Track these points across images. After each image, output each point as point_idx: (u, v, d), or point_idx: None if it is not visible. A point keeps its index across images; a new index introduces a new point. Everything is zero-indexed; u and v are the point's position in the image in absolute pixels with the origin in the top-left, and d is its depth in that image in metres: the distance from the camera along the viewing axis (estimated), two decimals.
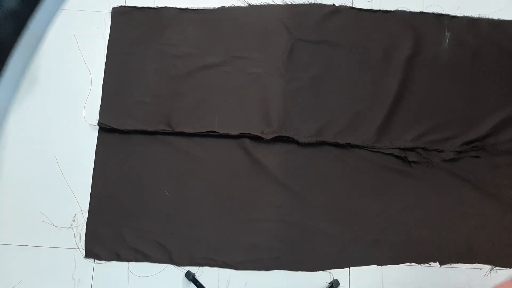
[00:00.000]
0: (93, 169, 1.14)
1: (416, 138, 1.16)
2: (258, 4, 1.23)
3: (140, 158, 1.15)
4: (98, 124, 1.16)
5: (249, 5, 1.24)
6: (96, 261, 1.09)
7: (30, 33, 0.31)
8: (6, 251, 1.09)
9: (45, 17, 0.32)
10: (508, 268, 1.07)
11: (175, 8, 1.24)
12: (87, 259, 1.09)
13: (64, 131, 1.17)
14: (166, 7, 1.24)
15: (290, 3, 1.24)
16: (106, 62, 1.21)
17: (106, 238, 1.10)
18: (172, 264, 1.08)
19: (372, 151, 1.15)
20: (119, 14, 1.23)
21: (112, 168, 1.14)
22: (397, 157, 1.15)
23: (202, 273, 1.08)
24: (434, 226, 1.11)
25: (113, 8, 1.24)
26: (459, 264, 1.08)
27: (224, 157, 1.14)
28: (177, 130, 1.14)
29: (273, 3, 1.24)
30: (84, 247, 1.09)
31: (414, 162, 1.14)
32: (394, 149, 1.15)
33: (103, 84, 1.19)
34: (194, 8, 1.23)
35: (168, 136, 1.16)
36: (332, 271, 1.08)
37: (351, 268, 1.08)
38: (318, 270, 1.08)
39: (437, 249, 1.09)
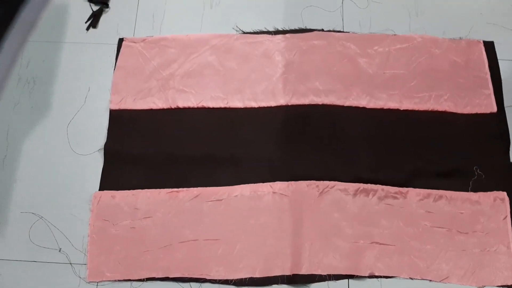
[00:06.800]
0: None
1: None
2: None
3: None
4: (103, 148, 1.22)
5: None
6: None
7: (22, 21, 0.33)
8: (10, 266, 1.12)
9: (37, 5, 0.34)
10: None
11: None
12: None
13: (68, 133, 1.23)
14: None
15: (282, 29, 1.33)
16: (112, 87, 1.28)
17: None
18: (174, 281, 1.09)
19: None
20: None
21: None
22: None
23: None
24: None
25: (119, 38, 1.34)
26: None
27: None
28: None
29: (265, 29, 1.32)
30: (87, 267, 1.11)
31: None
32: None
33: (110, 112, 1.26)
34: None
35: None
36: (330, 282, 1.08)
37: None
38: (319, 282, 1.08)
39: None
